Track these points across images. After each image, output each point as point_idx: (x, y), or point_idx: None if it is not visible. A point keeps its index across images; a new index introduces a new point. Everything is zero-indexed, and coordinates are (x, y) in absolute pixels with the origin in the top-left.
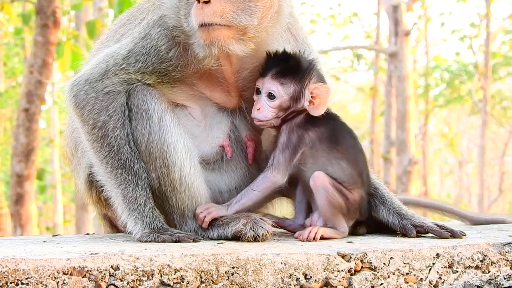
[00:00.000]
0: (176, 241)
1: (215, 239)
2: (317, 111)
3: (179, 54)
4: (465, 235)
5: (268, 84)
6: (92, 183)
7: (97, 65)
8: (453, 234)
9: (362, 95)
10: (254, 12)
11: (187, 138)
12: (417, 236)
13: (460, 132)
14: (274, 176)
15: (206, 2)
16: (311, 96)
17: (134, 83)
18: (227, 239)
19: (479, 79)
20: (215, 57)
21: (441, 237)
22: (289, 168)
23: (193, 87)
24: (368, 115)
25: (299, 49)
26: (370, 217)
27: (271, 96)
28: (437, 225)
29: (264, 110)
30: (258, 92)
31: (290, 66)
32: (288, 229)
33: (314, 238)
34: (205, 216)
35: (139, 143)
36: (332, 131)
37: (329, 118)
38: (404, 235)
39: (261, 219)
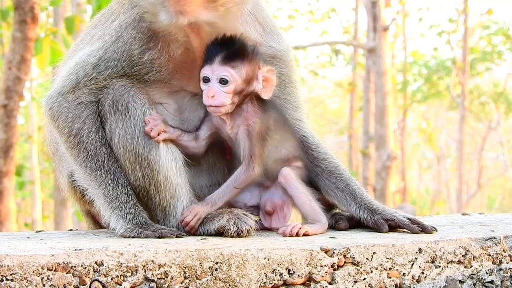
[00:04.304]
0: (159, 237)
1: (198, 235)
2: (268, 94)
3: (153, 57)
4: (436, 230)
5: (219, 70)
6: (75, 181)
7: (68, 76)
8: (424, 229)
9: (341, 91)
10: None
11: None
12: (389, 231)
13: (439, 127)
14: (254, 171)
15: None
16: (263, 79)
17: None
18: (210, 235)
19: (457, 74)
20: (183, 27)
21: (412, 231)
22: (263, 159)
23: (168, 84)
24: (347, 110)
25: (267, 38)
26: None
27: (223, 81)
28: (409, 219)
29: (219, 96)
30: (206, 80)
31: (237, 49)
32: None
33: (297, 234)
34: (195, 222)
35: (127, 144)
36: (278, 110)
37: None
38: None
39: (244, 214)
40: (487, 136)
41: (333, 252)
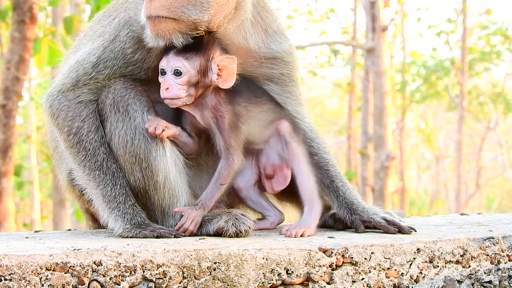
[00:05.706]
0: (157, 237)
1: (197, 235)
2: (227, 84)
3: (143, 57)
4: (415, 231)
5: (173, 61)
6: (74, 179)
7: (68, 74)
8: (401, 230)
9: (339, 91)
10: (206, 8)
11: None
12: (365, 231)
13: (437, 127)
14: (235, 162)
15: None
16: (218, 69)
17: (107, 87)
18: (209, 235)
19: (455, 74)
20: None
21: (388, 232)
22: (241, 146)
23: None
24: (345, 111)
25: (267, 40)
26: None
27: (177, 73)
28: (386, 220)
29: (173, 88)
30: (163, 73)
31: (192, 41)
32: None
33: (302, 235)
34: (194, 227)
35: (128, 145)
36: (249, 91)
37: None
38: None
39: (242, 215)
40: (486, 137)
41: (332, 252)
